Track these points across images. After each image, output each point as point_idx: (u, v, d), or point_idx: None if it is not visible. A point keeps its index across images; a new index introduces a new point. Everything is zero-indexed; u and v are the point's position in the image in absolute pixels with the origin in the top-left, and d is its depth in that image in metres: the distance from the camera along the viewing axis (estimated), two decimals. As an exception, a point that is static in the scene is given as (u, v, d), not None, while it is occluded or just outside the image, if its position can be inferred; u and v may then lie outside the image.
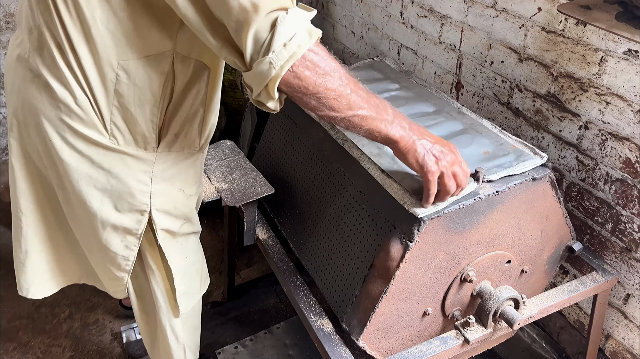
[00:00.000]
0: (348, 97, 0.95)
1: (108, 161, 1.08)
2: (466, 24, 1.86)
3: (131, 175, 1.10)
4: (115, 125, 1.05)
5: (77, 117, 1.03)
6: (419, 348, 1.21)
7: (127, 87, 1.02)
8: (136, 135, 1.08)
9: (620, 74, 1.37)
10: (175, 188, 1.17)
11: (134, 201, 1.12)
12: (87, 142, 1.06)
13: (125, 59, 0.99)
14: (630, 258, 1.47)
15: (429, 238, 1.13)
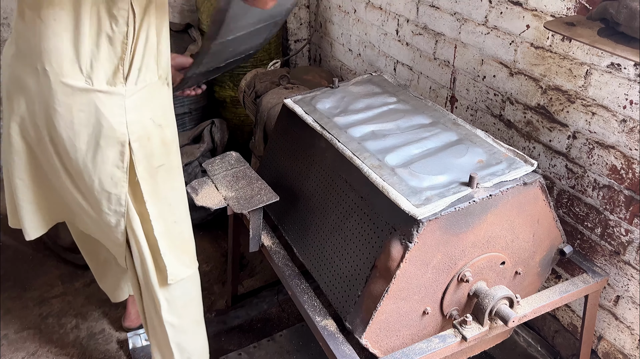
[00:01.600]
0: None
1: (87, 101, 1.21)
2: (459, 40, 1.95)
3: (107, 109, 1.23)
4: (91, 68, 1.19)
5: (59, 71, 1.18)
6: (419, 345, 1.27)
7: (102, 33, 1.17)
8: (108, 73, 1.21)
9: (605, 86, 1.46)
10: (146, 117, 1.29)
11: (114, 134, 1.25)
12: (67, 88, 1.20)
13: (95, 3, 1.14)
14: (618, 261, 1.54)
15: (427, 239, 1.20)
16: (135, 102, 1.27)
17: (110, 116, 1.24)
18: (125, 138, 1.26)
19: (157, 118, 1.33)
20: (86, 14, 1.15)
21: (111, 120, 1.24)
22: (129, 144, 1.27)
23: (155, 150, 1.33)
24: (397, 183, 1.28)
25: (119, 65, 1.22)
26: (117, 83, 1.23)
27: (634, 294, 1.52)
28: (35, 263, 2.45)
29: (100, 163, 1.28)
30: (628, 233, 1.49)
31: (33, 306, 2.23)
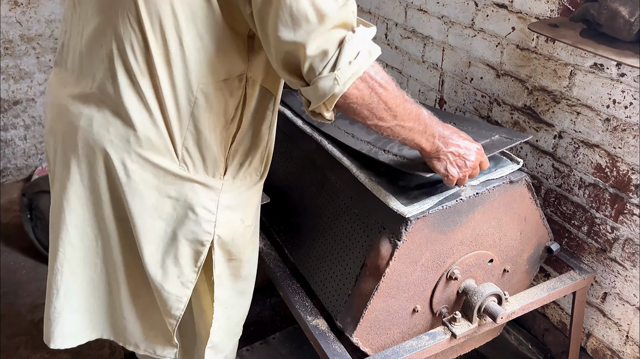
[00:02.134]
0: (397, 108, 1.02)
1: (177, 189, 1.07)
2: (447, 43, 1.98)
3: (199, 203, 1.09)
4: (186, 151, 1.06)
5: (147, 145, 1.03)
6: (410, 343, 1.29)
7: (203, 111, 1.03)
8: (207, 161, 1.08)
9: (588, 86, 1.49)
10: (237, 218, 1.16)
11: (197, 230, 1.10)
12: (157, 169, 1.05)
13: (205, 82, 1.01)
14: (605, 258, 1.56)
15: (416, 237, 1.22)
16: (230, 200, 1.13)
17: (201, 211, 1.09)
18: (209, 238, 1.12)
19: (247, 219, 1.19)
20: None
21: (199, 215, 1.09)
22: (212, 245, 1.13)
23: (233, 249, 1.19)
24: (385, 182, 1.30)
25: (218, 153, 1.08)
26: (215, 174, 1.10)
27: (621, 291, 1.54)
28: (28, 269, 2.45)
29: (172, 259, 1.13)
30: (614, 230, 1.51)
31: (25, 313, 2.23)
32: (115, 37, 1.01)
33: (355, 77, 0.93)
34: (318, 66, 0.91)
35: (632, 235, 1.47)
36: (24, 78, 2.84)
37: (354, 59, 0.91)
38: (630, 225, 1.46)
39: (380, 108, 0.99)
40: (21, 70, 2.81)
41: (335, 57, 0.91)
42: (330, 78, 0.91)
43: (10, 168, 3.00)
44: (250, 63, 1.04)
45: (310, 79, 0.93)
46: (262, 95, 1.10)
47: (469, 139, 1.19)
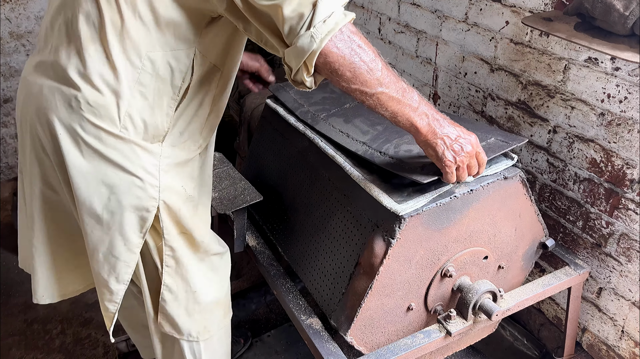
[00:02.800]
0: (379, 71, 1.03)
1: (118, 151, 1.08)
2: (440, 38, 1.96)
3: (140, 165, 1.11)
4: (129, 116, 1.08)
5: (88, 109, 1.06)
6: (404, 341, 1.28)
7: (149, 77, 1.07)
8: (148, 127, 1.11)
9: (583, 80, 1.47)
10: (178, 184, 1.18)
11: (143, 195, 1.12)
12: (99, 131, 1.07)
13: (152, 51, 1.05)
14: (600, 253, 1.56)
15: (410, 235, 1.21)
16: (170, 166, 1.16)
17: (144, 174, 1.11)
18: (155, 203, 1.14)
19: (188, 187, 1.22)
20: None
21: (144, 179, 1.11)
22: (158, 211, 1.15)
23: (182, 219, 1.20)
24: (379, 180, 1.28)
25: (161, 121, 1.12)
26: (154, 140, 1.13)
27: (616, 285, 1.54)
28: (20, 270, 2.42)
29: (117, 224, 1.14)
30: (609, 225, 1.51)
31: (18, 313, 2.20)
32: (74, 5, 1.05)
33: (332, 34, 0.96)
34: (295, 27, 0.96)
35: (627, 230, 1.46)
36: (14, 75, 2.80)
37: (329, 17, 0.96)
38: (625, 220, 1.46)
39: (362, 70, 1.01)
40: (11, 68, 2.78)
41: (310, 17, 0.95)
42: (307, 36, 0.95)
43: (1, 166, 2.97)
44: (203, 38, 1.08)
45: (291, 41, 0.97)
46: (210, 70, 1.14)
47: (462, 127, 1.17)
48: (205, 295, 1.31)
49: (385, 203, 1.20)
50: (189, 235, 1.24)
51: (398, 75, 1.08)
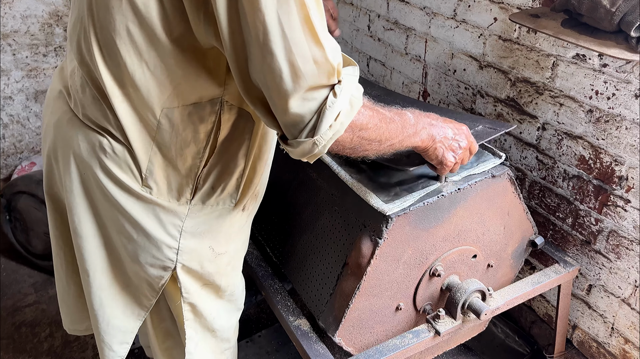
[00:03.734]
0: (380, 136, 0.97)
1: (137, 210, 1.01)
2: (429, 35, 1.95)
3: (160, 228, 1.02)
4: (150, 173, 0.99)
5: (112, 159, 0.98)
6: (393, 341, 1.27)
7: (168, 135, 0.96)
8: (172, 184, 1.01)
9: (571, 77, 1.47)
10: (205, 246, 1.08)
11: (159, 255, 1.05)
12: (119, 187, 0.99)
13: (169, 107, 0.93)
14: (589, 250, 1.55)
15: (397, 235, 1.20)
16: (197, 226, 1.05)
17: (162, 236, 1.03)
18: (171, 265, 1.06)
19: (218, 247, 1.11)
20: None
21: (160, 241, 1.03)
22: (174, 271, 1.07)
23: (205, 276, 1.12)
24: (366, 179, 1.27)
25: (187, 179, 1.02)
26: (181, 198, 1.03)
27: (606, 283, 1.53)
28: (7, 272, 2.40)
29: (134, 276, 1.09)
30: (598, 222, 1.50)
31: (6, 316, 2.18)
32: (79, 52, 0.96)
33: (337, 137, 0.88)
34: (293, 130, 0.86)
35: (616, 227, 1.46)
36: (0, 76, 2.77)
37: (335, 121, 0.86)
38: (614, 217, 1.45)
39: (364, 144, 0.96)
40: (-3, 68, 2.75)
41: (314, 123, 0.85)
42: (309, 143, 0.86)
43: (-13, 168, 2.94)
44: (228, 86, 0.95)
45: (289, 136, 0.88)
46: (239, 118, 1.01)
47: (453, 122, 1.16)
48: (226, 331, 1.27)
49: (372, 203, 1.19)
50: (214, 286, 1.16)
51: (394, 113, 1.01)
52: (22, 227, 2.33)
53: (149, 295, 1.12)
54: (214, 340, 1.26)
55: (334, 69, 0.83)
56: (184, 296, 1.11)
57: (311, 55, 0.80)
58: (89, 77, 0.96)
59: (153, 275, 1.07)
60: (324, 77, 0.83)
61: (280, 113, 0.85)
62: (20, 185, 2.28)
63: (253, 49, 0.79)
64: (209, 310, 1.18)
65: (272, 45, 0.77)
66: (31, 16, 2.72)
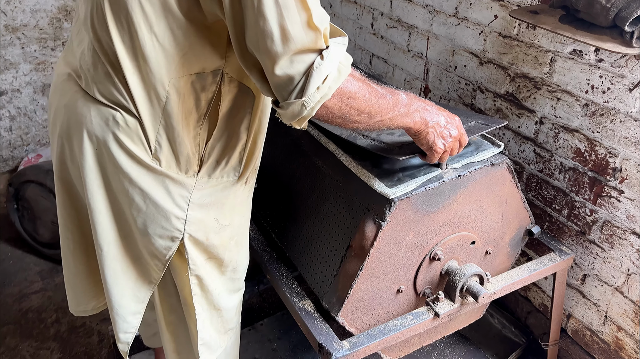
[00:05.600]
0: (371, 109, 1.02)
1: (147, 181, 1.06)
2: (431, 32, 2.01)
3: (169, 199, 1.08)
4: (159, 146, 1.05)
5: (125, 132, 1.03)
6: (394, 322, 1.32)
7: (176, 106, 1.02)
8: (180, 157, 1.07)
9: (568, 72, 1.52)
10: (210, 217, 1.14)
11: (167, 226, 1.10)
12: (130, 158, 1.04)
13: (176, 77, 0.99)
14: (584, 241, 1.60)
15: (400, 218, 1.25)
16: (203, 198, 1.11)
17: (171, 207, 1.08)
18: (179, 235, 1.11)
19: (223, 218, 1.16)
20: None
21: (169, 211, 1.08)
22: (182, 241, 1.12)
23: (211, 248, 1.18)
24: (370, 166, 1.32)
25: (192, 151, 1.07)
26: (189, 171, 1.09)
27: (600, 272, 1.58)
28: (14, 260, 2.45)
29: (144, 249, 1.14)
30: (592, 213, 1.55)
31: (12, 303, 2.22)
32: (92, 27, 1.02)
33: (324, 100, 0.94)
34: (283, 91, 0.93)
35: (609, 217, 1.51)
36: (9, 68, 2.82)
37: (322, 84, 0.92)
38: (608, 208, 1.50)
39: (352, 114, 1.01)
40: (6, 61, 2.79)
41: (302, 84, 0.91)
42: (298, 104, 0.93)
43: (-4, 159, 2.99)
44: (229, 59, 1.02)
45: (280, 99, 0.95)
46: (240, 93, 1.07)
47: (447, 111, 1.21)
48: (229, 310, 1.31)
49: (376, 187, 1.24)
50: (218, 259, 1.22)
51: (387, 91, 1.06)
52: (30, 216, 2.37)
53: (157, 268, 1.17)
54: (220, 319, 1.30)
55: (320, 33, 0.91)
56: (191, 268, 1.16)
57: (300, 19, 0.87)
58: (102, 52, 1.01)
59: (161, 246, 1.12)
60: (311, 41, 0.90)
61: (271, 75, 0.91)
62: (28, 174, 2.33)
63: (248, 15, 0.87)
64: (213, 286, 1.23)
65: (264, 9, 0.85)
66: (40, 10, 2.77)
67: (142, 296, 1.24)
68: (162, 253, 1.14)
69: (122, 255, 1.18)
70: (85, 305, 1.41)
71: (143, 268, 1.20)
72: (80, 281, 1.35)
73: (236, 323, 1.40)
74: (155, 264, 1.17)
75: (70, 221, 1.26)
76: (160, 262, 1.16)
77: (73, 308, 1.43)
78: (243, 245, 1.30)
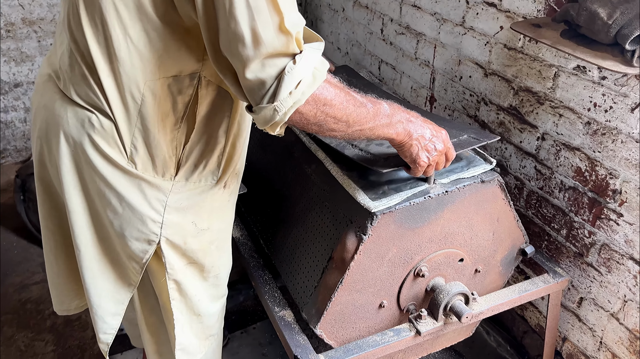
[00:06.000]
0: (348, 117, 0.99)
1: (123, 184, 1.05)
2: (438, 40, 1.97)
3: (145, 202, 1.06)
4: (135, 149, 1.04)
5: (100, 135, 1.02)
6: (374, 338, 1.29)
7: (151, 109, 1.01)
8: (156, 160, 1.06)
9: (571, 88, 1.47)
10: (187, 221, 1.12)
11: (143, 229, 1.08)
12: (106, 161, 1.03)
13: (152, 79, 0.98)
14: (582, 263, 1.55)
15: (382, 232, 1.22)
16: (181, 201, 1.09)
17: (147, 210, 1.07)
18: (156, 239, 1.10)
19: (200, 222, 1.14)
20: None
21: (144, 215, 1.07)
22: (158, 245, 1.10)
23: (189, 252, 1.16)
24: (357, 176, 1.30)
25: (169, 154, 1.06)
26: (165, 174, 1.07)
27: (596, 296, 1.53)
28: (18, 250, 2.48)
29: (121, 251, 1.13)
30: (591, 235, 1.50)
31: (13, 292, 2.26)
32: (69, 28, 1.02)
33: (297, 106, 0.92)
34: (255, 96, 0.91)
35: (608, 241, 1.45)
36: (25, 61, 2.87)
37: (295, 89, 0.90)
38: (606, 231, 1.45)
39: (329, 122, 0.98)
40: (22, 53, 2.84)
41: (274, 89, 0.89)
42: (270, 109, 0.90)
43: (9, 149, 3.04)
44: (206, 62, 1.01)
45: (253, 103, 0.93)
46: (218, 96, 1.06)
47: (433, 124, 1.18)
48: (210, 317, 1.29)
49: (359, 199, 1.22)
50: (198, 264, 1.19)
51: (367, 100, 1.04)
52: (35, 208, 2.41)
53: (135, 271, 1.16)
54: (200, 326, 1.29)
55: (292, 37, 0.89)
56: (168, 272, 1.14)
57: (271, 22, 0.86)
58: (79, 53, 1.00)
59: (138, 249, 1.11)
60: (282, 45, 0.88)
61: (243, 78, 0.90)
62: (35, 166, 2.36)
63: (220, 18, 0.86)
64: (194, 291, 1.21)
65: (236, 12, 0.84)
66: (57, 5, 2.80)
67: (121, 298, 1.23)
68: (139, 256, 1.13)
69: (100, 256, 1.18)
70: (68, 304, 1.41)
71: (122, 270, 1.19)
72: (62, 280, 1.35)
73: (218, 329, 1.39)
74: (133, 266, 1.16)
75: (51, 221, 1.26)
76: (138, 265, 1.15)
77: (57, 307, 1.43)
78: (225, 250, 1.29)
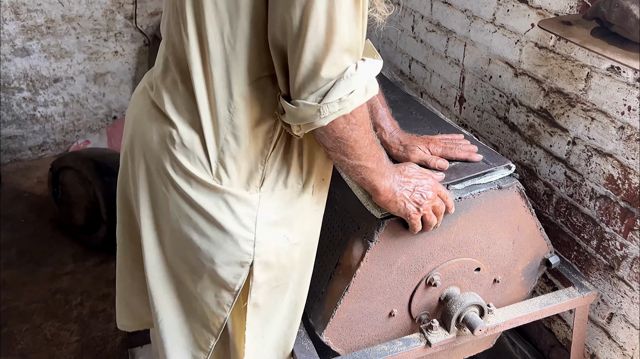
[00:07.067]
0: (363, 148, 0.95)
1: (210, 203, 0.97)
2: (469, 38, 1.89)
3: (234, 220, 0.98)
4: (221, 162, 0.97)
5: (181, 151, 0.97)
6: (381, 347, 1.24)
7: (243, 116, 0.94)
8: (243, 172, 0.98)
9: (604, 90, 1.37)
10: (280, 234, 1.03)
11: (236, 251, 1.00)
12: (189, 178, 0.97)
13: (243, 82, 0.92)
14: (612, 276, 1.45)
15: (390, 239, 1.17)
16: (270, 215, 1.01)
17: (237, 228, 0.98)
18: (249, 259, 1.00)
19: (292, 235, 1.05)
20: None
21: (236, 234, 0.98)
22: (251, 266, 1.01)
23: (279, 272, 1.07)
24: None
25: (257, 164, 0.98)
26: (250, 187, 0.99)
27: (627, 312, 1.43)
28: (52, 241, 2.56)
29: (208, 279, 1.04)
30: (623, 247, 1.40)
31: (44, 282, 2.33)
32: (167, 31, 0.98)
33: (341, 114, 0.87)
34: (306, 88, 0.84)
35: (640, 254, 1.36)
36: (64, 57, 2.95)
37: (347, 96, 0.85)
38: (639, 243, 1.35)
39: (348, 144, 0.93)
40: (62, 49, 2.92)
41: (327, 89, 0.84)
42: (314, 108, 0.85)
43: (49, 142, 3.15)
44: None
45: (295, 95, 0.87)
46: None
47: (422, 172, 1.12)
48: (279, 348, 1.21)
49: (366, 205, 1.18)
50: (282, 286, 1.11)
51: (378, 142, 1.01)
52: (67, 200, 2.47)
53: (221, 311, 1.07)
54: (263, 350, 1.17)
55: (359, 47, 0.86)
56: (252, 295, 1.05)
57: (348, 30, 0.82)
58: (174, 57, 0.97)
59: (230, 275, 1.02)
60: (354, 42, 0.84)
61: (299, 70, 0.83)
62: (67, 160, 2.42)
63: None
64: (272, 314, 1.13)
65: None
66: (95, 2, 2.87)
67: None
68: (232, 282, 1.03)
69: (178, 313, 1.13)
70: (135, 321, 1.37)
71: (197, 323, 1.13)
72: (138, 298, 1.30)
73: None
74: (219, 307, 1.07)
75: (130, 239, 1.23)
76: (230, 294, 1.05)
77: (121, 321, 1.38)
78: (309, 266, 1.17)
